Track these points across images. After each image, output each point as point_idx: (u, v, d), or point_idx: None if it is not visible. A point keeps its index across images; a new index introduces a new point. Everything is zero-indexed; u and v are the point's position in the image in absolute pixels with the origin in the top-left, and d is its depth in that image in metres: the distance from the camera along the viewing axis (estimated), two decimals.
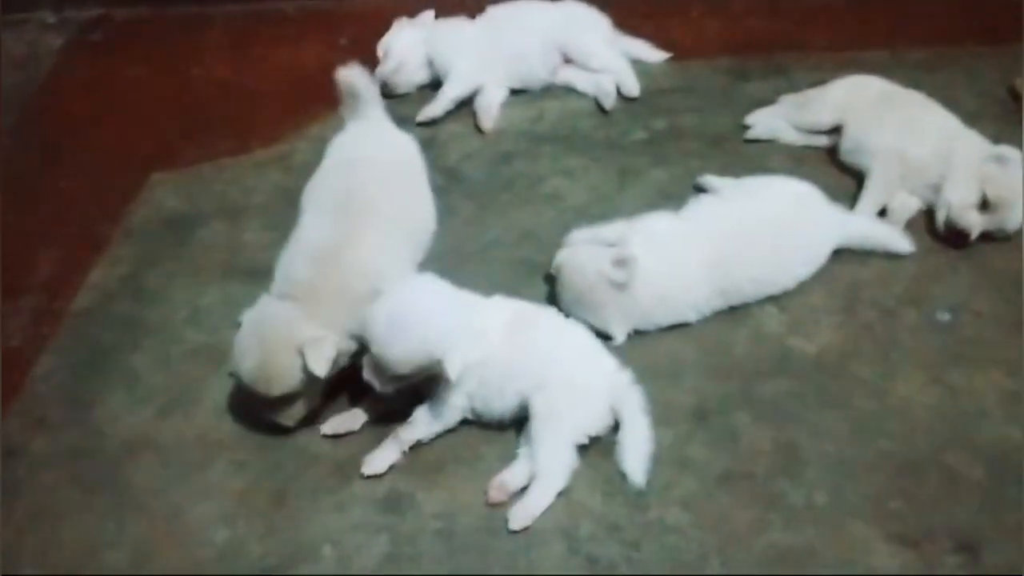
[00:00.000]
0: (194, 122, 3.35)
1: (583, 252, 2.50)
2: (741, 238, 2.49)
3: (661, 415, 2.24)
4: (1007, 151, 2.65)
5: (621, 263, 2.41)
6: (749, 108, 3.17)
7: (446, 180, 3.01)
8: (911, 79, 3.15)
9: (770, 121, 3.07)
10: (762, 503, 2.11)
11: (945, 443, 2.18)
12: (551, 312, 2.32)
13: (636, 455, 2.14)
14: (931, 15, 3.64)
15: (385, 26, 3.48)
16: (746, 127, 3.10)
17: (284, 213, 2.90)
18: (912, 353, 2.39)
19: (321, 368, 2.17)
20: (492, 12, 3.43)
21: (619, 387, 2.21)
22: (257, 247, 2.80)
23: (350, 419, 2.25)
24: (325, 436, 2.26)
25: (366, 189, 2.48)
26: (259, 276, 2.65)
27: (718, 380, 2.36)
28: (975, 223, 2.62)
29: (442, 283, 2.24)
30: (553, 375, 2.15)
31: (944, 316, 2.47)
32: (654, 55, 3.48)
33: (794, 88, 3.22)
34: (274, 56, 3.67)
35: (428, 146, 3.15)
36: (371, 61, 3.42)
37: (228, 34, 3.82)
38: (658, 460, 2.17)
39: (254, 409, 2.27)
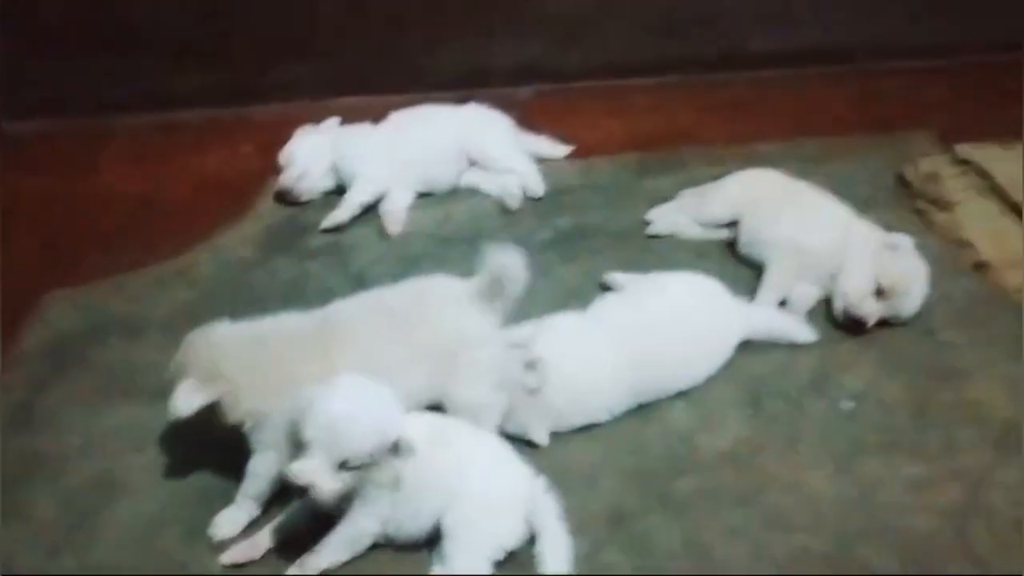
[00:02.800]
0: (94, 237, 3.27)
1: None
2: (648, 335, 2.50)
3: (576, 522, 2.20)
4: (899, 239, 2.74)
5: (531, 366, 2.40)
6: (652, 203, 3.24)
7: (353, 287, 2.95)
8: (806, 170, 3.26)
9: (672, 216, 3.14)
10: None
11: (858, 536, 2.18)
12: (463, 424, 2.28)
13: (555, 568, 2.09)
14: (824, 107, 3.80)
15: (289, 133, 3.49)
16: (648, 223, 3.16)
17: (186, 330, 2.84)
18: (820, 443, 2.41)
19: None
20: (395, 118, 3.46)
21: (535, 497, 2.17)
22: (157, 367, 2.69)
23: (251, 547, 2.16)
24: (225, 566, 2.16)
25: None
26: (159, 398, 2.58)
27: (631, 482, 2.34)
28: (871, 311, 2.68)
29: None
30: (468, 491, 2.10)
31: (848, 404, 2.51)
32: (557, 150, 3.55)
33: (694, 182, 3.31)
34: (177, 166, 3.65)
35: (333, 252, 3.16)
36: (275, 169, 3.43)
37: (130, 145, 3.79)
38: (574, 570, 2.13)
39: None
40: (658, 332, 2.51)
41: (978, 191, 3.17)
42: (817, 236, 2.82)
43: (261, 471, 2.26)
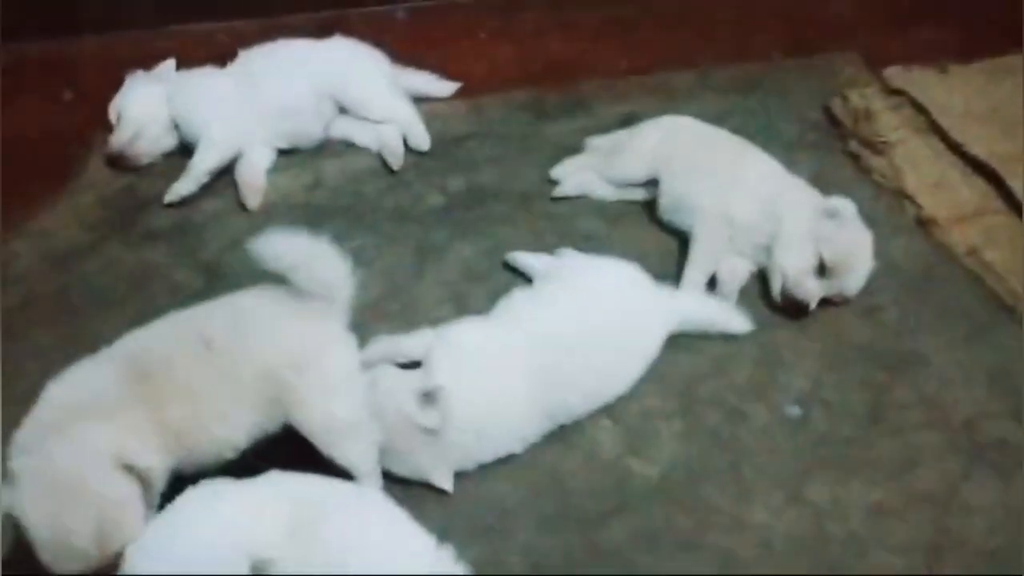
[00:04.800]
0: None
1: (381, 384, 2.06)
2: (564, 347, 2.11)
3: None
4: (839, 205, 2.38)
5: (429, 399, 2.00)
6: (554, 155, 2.81)
7: (205, 279, 2.49)
8: (723, 105, 2.91)
9: (579, 175, 2.71)
10: None
11: None
12: (342, 490, 1.86)
13: None
14: (733, 25, 3.37)
15: (117, 74, 2.89)
16: (553, 181, 2.73)
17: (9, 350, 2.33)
18: (766, 464, 2.09)
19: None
20: (246, 58, 2.88)
21: (440, 572, 1.80)
22: None
23: None
24: None
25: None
26: None
27: (554, 529, 1.99)
28: (813, 292, 2.35)
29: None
30: None
31: (793, 410, 2.19)
32: (442, 88, 3.05)
33: (599, 124, 2.90)
34: None
35: (181, 233, 2.64)
36: (104, 122, 2.85)
37: None
38: None
39: None
40: (574, 341, 2.12)
41: (915, 129, 2.84)
42: (747, 202, 2.44)
43: None
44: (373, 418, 2.01)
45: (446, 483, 2.02)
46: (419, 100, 2.97)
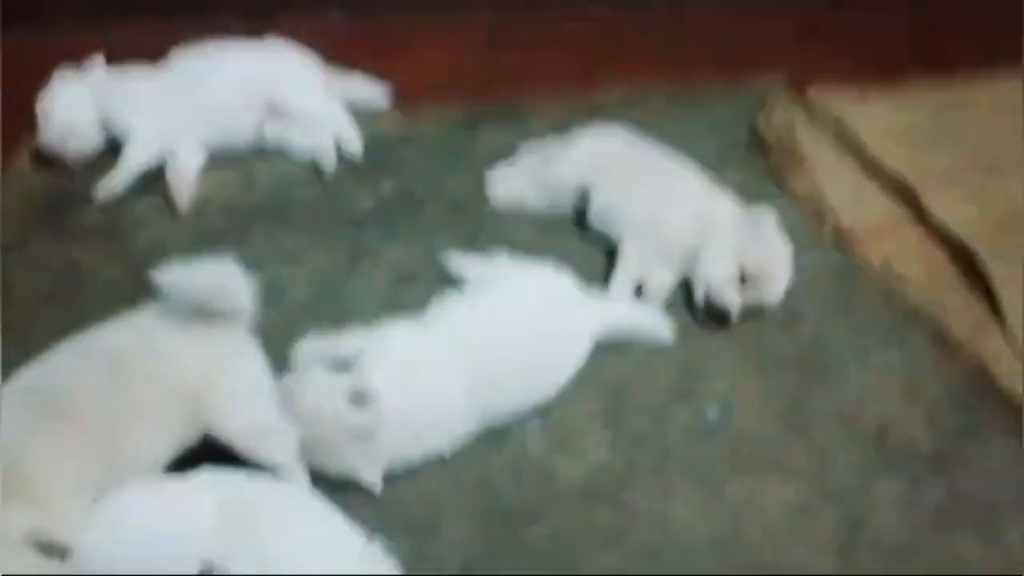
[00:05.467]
0: None
1: (313, 383, 2.07)
2: (495, 350, 2.15)
3: None
4: (760, 215, 2.47)
5: (360, 400, 2.01)
6: (487, 162, 2.84)
7: (133, 280, 2.46)
8: (654, 124, 2.94)
9: (512, 183, 2.75)
10: None
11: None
12: (271, 487, 1.88)
13: None
14: (665, 43, 3.45)
15: (44, 73, 2.84)
16: (485, 188, 2.78)
17: None
18: (687, 465, 2.16)
19: None
20: (177, 58, 2.87)
21: (370, 568, 1.82)
22: None
23: None
24: None
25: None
26: None
27: (482, 526, 2.03)
28: (735, 301, 2.42)
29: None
30: None
31: (714, 414, 2.26)
32: (376, 94, 3.06)
33: (533, 134, 2.93)
34: None
35: (110, 233, 2.62)
36: (30, 122, 2.80)
37: None
38: None
39: None
40: (506, 344, 2.17)
41: (835, 146, 2.94)
42: (675, 213, 2.51)
43: None
44: (300, 418, 2.03)
45: (375, 479, 2.04)
46: (353, 105, 2.98)
